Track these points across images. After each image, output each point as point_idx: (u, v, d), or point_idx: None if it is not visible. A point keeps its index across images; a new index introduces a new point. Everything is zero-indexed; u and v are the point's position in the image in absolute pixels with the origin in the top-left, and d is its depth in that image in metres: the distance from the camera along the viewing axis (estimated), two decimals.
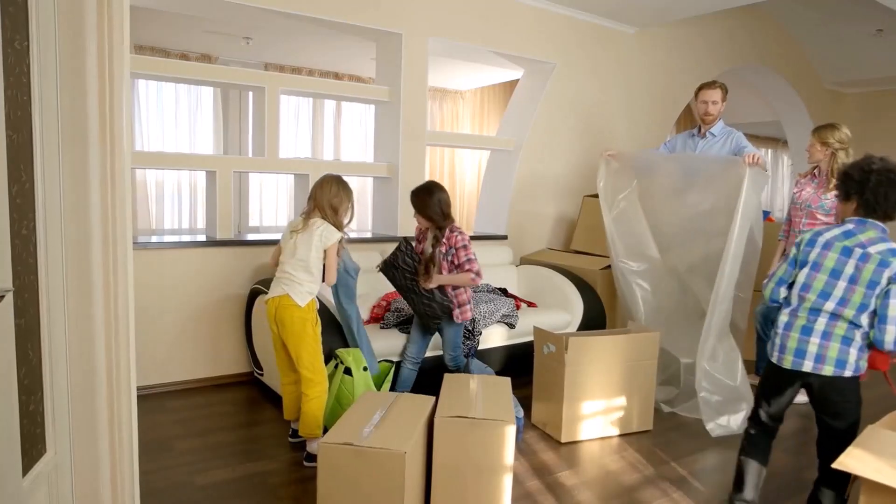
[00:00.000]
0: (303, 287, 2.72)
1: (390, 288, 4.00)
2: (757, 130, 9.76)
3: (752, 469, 2.35)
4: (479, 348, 3.65)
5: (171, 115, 6.30)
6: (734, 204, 3.26)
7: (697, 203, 3.62)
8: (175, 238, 4.07)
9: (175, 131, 6.32)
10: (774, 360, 2.26)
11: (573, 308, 4.15)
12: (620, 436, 3.20)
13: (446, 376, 2.79)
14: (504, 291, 4.35)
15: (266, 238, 4.12)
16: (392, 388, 3.25)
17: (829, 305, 2.12)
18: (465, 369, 3.35)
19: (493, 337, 3.75)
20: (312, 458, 2.76)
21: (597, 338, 3.13)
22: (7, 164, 1.56)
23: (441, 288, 3.10)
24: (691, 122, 9.32)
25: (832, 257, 2.13)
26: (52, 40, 1.76)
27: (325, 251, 2.76)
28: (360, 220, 7.47)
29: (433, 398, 2.54)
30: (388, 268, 3.12)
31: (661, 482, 2.72)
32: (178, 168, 5.35)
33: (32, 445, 1.76)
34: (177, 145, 6.32)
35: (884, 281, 2.03)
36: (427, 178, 3.86)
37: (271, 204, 6.97)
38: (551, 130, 5.16)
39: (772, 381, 2.32)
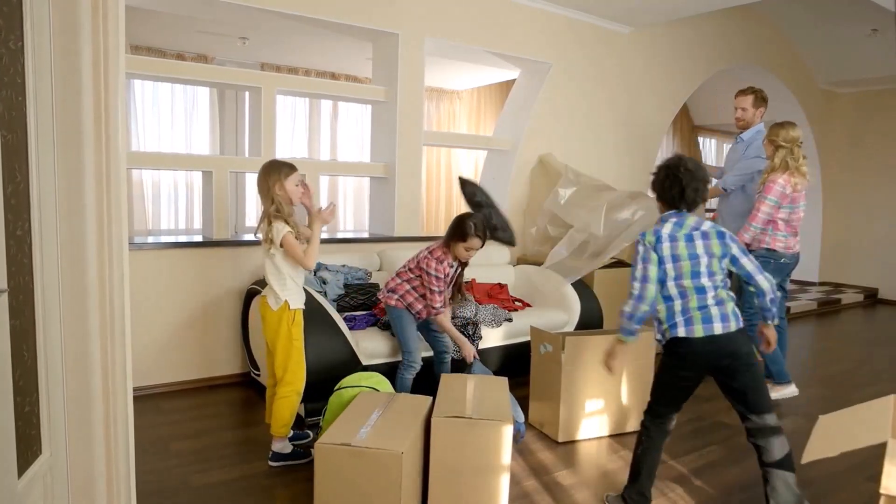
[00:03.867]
0: (273, 291, 2.69)
1: None
2: None
3: (651, 462, 2.37)
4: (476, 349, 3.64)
5: (168, 116, 6.29)
6: None
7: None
8: (171, 238, 4.06)
9: (171, 131, 6.31)
10: (683, 333, 2.23)
11: (570, 308, 4.15)
12: (618, 435, 3.20)
13: (443, 376, 2.79)
14: (500, 286, 4.36)
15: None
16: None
17: (704, 280, 2.26)
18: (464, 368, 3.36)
19: (491, 337, 3.75)
20: (278, 457, 2.75)
21: (594, 337, 3.13)
22: (2, 165, 1.55)
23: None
24: (689, 122, 9.34)
25: (681, 245, 2.28)
26: (47, 40, 1.75)
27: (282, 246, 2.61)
28: (358, 221, 7.47)
29: (430, 398, 2.55)
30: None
31: (659, 481, 2.72)
32: (174, 168, 5.34)
33: (28, 447, 1.76)
34: (173, 145, 6.31)
35: (731, 247, 2.28)
36: (423, 179, 3.87)
37: None
38: (548, 130, 5.17)
39: (676, 366, 2.30)
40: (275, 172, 2.64)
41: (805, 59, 7.25)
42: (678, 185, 2.28)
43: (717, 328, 2.22)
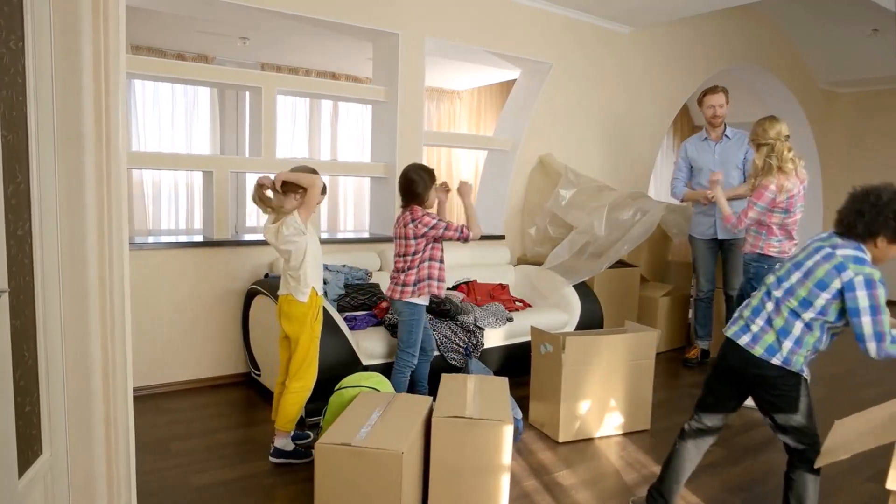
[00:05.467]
0: (300, 285, 2.73)
1: None
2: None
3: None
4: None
5: (168, 116, 6.29)
6: None
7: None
8: (172, 238, 4.06)
9: (172, 131, 6.31)
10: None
11: (571, 308, 4.15)
12: (618, 435, 3.20)
13: (443, 376, 2.79)
14: (501, 287, 4.37)
15: (263, 238, 4.11)
16: (411, 389, 3.21)
17: (777, 292, 2.12)
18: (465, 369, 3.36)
19: (491, 337, 3.75)
20: (280, 453, 2.76)
21: (594, 337, 3.13)
22: (2, 165, 1.55)
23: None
24: (689, 122, 9.34)
25: (805, 252, 2.14)
26: (48, 40, 1.75)
27: (305, 229, 2.70)
28: (358, 221, 7.47)
29: (430, 398, 2.55)
30: None
31: None
32: (174, 168, 5.35)
33: (28, 447, 1.76)
34: (173, 145, 6.31)
35: (834, 284, 1.99)
36: None
37: None
38: (548, 130, 5.17)
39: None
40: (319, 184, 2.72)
41: (805, 59, 7.25)
42: None
43: None
